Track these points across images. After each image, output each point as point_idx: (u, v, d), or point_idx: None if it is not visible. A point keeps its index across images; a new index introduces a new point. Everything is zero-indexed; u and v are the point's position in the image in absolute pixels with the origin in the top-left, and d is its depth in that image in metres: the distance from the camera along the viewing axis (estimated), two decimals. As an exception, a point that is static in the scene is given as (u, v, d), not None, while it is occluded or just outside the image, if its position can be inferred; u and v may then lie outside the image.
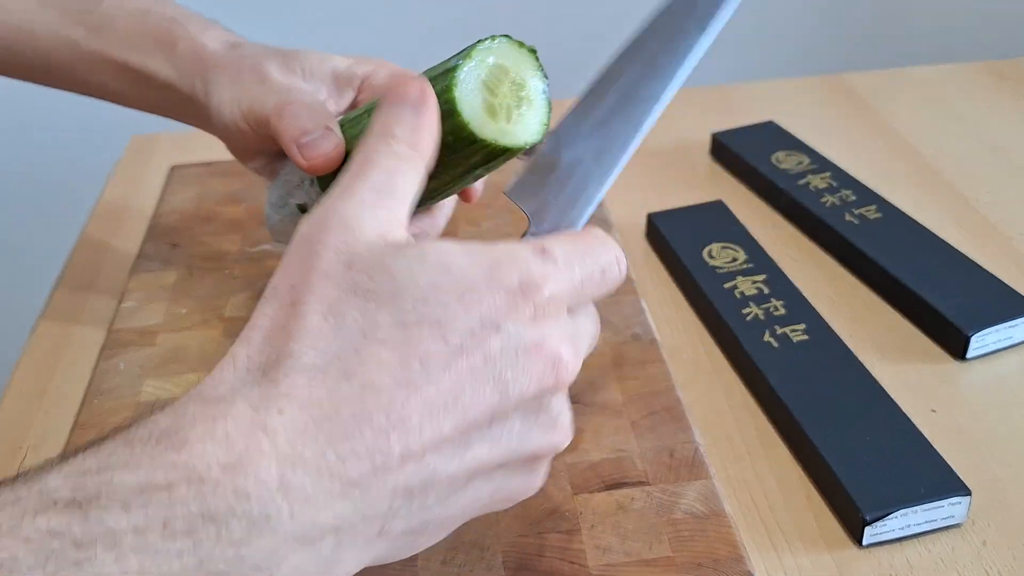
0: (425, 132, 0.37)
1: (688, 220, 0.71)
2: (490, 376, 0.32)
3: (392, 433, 0.30)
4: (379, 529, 0.30)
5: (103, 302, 0.69)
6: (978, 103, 0.91)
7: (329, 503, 0.28)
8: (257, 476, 0.27)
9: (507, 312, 0.32)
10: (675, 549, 0.46)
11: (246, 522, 0.27)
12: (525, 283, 0.33)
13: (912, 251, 0.66)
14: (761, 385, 0.57)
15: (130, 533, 0.26)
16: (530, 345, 0.32)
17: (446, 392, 0.31)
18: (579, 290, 0.35)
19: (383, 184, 0.35)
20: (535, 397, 0.33)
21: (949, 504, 0.48)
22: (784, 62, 1.39)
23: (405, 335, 0.31)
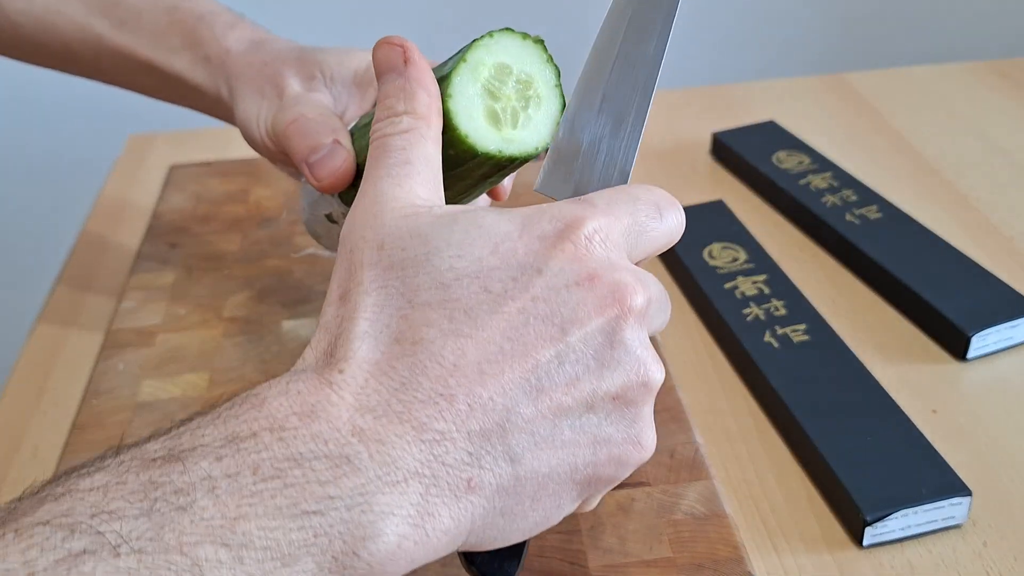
0: (420, 93, 0.36)
1: (688, 220, 0.71)
2: (543, 314, 0.31)
3: (450, 379, 0.30)
4: (467, 481, 0.30)
5: (102, 302, 0.69)
6: (979, 103, 0.91)
7: (404, 446, 0.29)
8: (330, 422, 0.29)
9: (546, 254, 0.32)
10: (675, 550, 0.46)
11: (328, 463, 0.28)
12: (561, 227, 0.33)
13: (913, 251, 0.66)
14: (762, 385, 0.57)
15: (224, 479, 0.27)
16: (580, 278, 0.32)
17: (499, 336, 0.31)
18: (629, 229, 0.34)
19: (397, 163, 0.35)
20: (602, 330, 0.32)
21: (950, 505, 0.48)
22: (784, 62, 1.38)
23: (445, 293, 0.31)
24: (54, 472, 0.48)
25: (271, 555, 0.27)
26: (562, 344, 0.31)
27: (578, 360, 0.32)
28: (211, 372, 0.58)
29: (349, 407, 0.29)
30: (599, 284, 0.32)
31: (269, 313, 0.63)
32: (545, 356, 0.31)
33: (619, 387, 0.32)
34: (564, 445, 0.32)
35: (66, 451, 0.53)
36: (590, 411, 0.32)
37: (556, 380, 0.31)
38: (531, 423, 0.31)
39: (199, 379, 0.58)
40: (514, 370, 0.31)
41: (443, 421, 0.30)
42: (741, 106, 0.93)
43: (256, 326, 0.62)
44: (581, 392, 0.32)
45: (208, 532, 0.26)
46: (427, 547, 0.29)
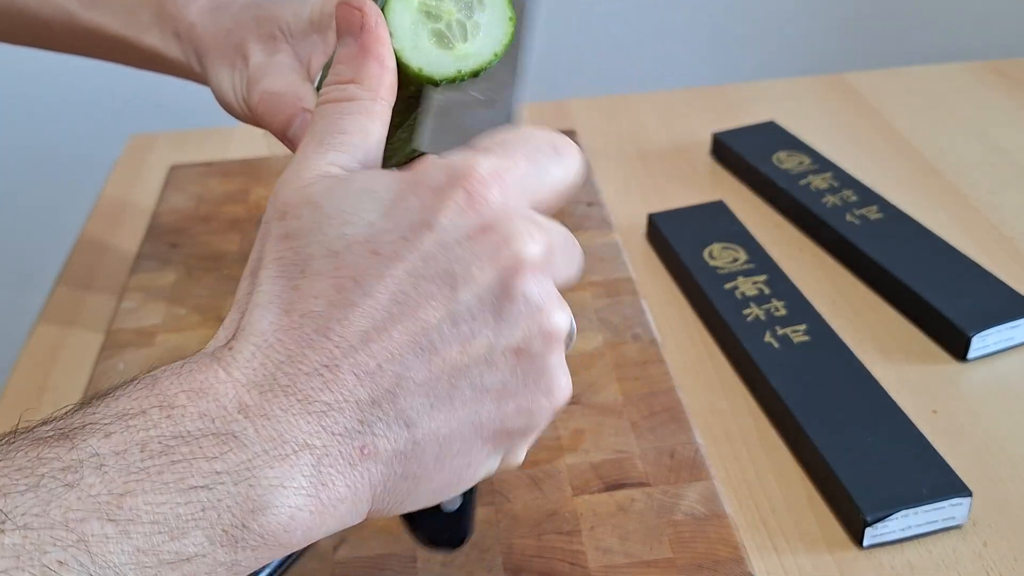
0: (370, 62, 0.35)
1: (689, 220, 0.71)
2: (433, 273, 0.30)
3: (335, 350, 0.30)
4: (360, 449, 0.30)
5: (102, 302, 0.69)
6: (979, 103, 0.91)
7: (290, 420, 0.29)
8: (217, 400, 0.29)
9: (437, 207, 0.31)
10: (676, 550, 0.46)
11: (215, 440, 0.28)
12: (452, 175, 0.31)
13: (913, 252, 0.66)
14: (762, 386, 0.57)
15: (111, 455, 0.27)
16: (473, 231, 0.31)
17: (387, 300, 0.30)
18: (527, 173, 0.33)
19: (331, 131, 0.34)
20: (497, 284, 0.31)
21: (950, 505, 0.48)
22: (784, 62, 1.38)
23: (336, 261, 0.31)
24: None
25: (159, 529, 0.27)
26: (454, 303, 0.30)
27: (473, 317, 0.31)
28: (211, 372, 0.58)
29: (236, 383, 0.29)
30: (492, 234, 0.31)
31: (269, 313, 0.63)
32: (435, 316, 0.30)
33: (520, 340, 0.31)
34: (465, 404, 0.31)
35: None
36: (491, 367, 0.31)
37: (449, 340, 0.30)
38: (425, 386, 0.30)
39: (199, 379, 0.58)
40: (402, 334, 0.30)
41: (329, 392, 0.29)
42: (741, 106, 0.93)
43: (256, 326, 0.62)
44: (477, 349, 0.31)
45: (95, 508, 0.26)
46: (325, 516, 0.29)
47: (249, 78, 0.51)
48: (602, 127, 0.90)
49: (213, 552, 0.28)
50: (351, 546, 0.48)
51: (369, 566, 0.47)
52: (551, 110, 0.94)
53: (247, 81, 0.51)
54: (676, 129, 0.89)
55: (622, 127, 0.90)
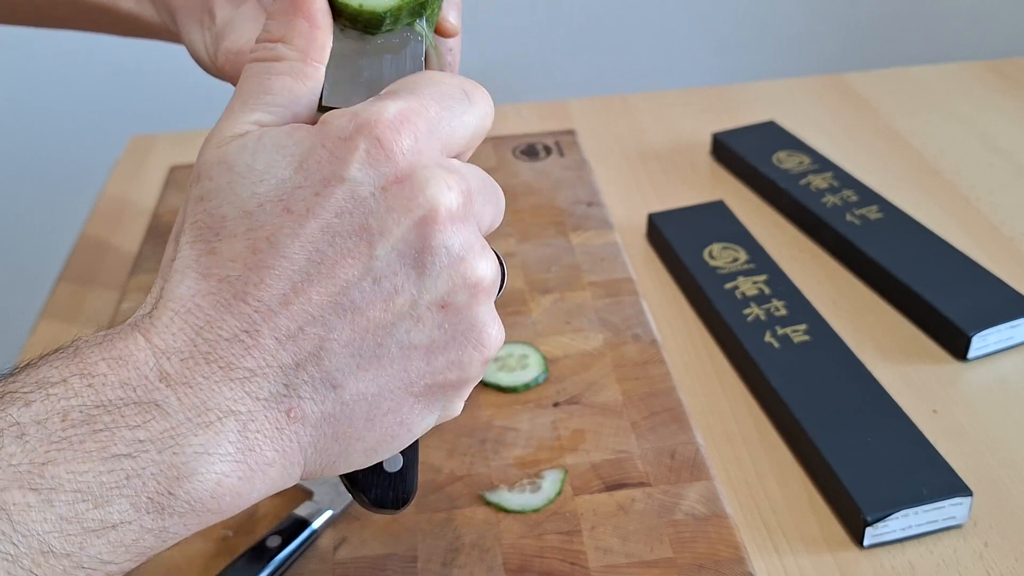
0: (300, 23, 0.33)
1: (689, 220, 0.71)
2: (348, 229, 0.29)
3: (254, 315, 0.29)
4: (287, 412, 0.29)
5: (102, 302, 0.69)
6: (979, 103, 0.91)
7: (213, 387, 0.28)
8: (137, 368, 0.28)
9: (347, 158, 0.30)
10: (676, 550, 0.46)
11: (137, 408, 0.28)
12: (358, 123, 0.30)
13: (913, 251, 0.66)
14: (762, 386, 0.57)
15: (32, 424, 0.27)
16: (387, 181, 0.30)
17: (304, 260, 0.29)
18: (438, 117, 0.31)
19: (254, 92, 0.32)
20: (415, 236, 0.30)
21: (950, 505, 0.48)
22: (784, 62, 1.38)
23: (250, 221, 0.30)
24: None
25: (82, 497, 0.27)
26: (372, 259, 0.29)
27: (394, 273, 0.30)
28: (212, 373, 0.58)
29: (155, 350, 0.29)
30: (406, 185, 0.30)
31: (270, 314, 0.64)
32: (354, 274, 0.29)
33: (444, 293, 0.30)
34: (393, 362, 0.30)
35: None
36: (417, 323, 0.30)
37: (371, 298, 0.30)
38: (350, 346, 0.30)
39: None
40: (321, 295, 0.29)
41: (251, 358, 0.29)
42: (741, 106, 0.93)
43: (257, 327, 0.62)
44: (401, 305, 0.30)
45: (16, 477, 0.26)
46: (255, 481, 0.29)
47: (216, 34, 0.48)
48: (602, 127, 0.90)
49: (139, 519, 0.27)
50: (351, 546, 0.48)
51: (369, 566, 0.47)
52: (551, 110, 0.94)
53: (215, 37, 0.49)
54: (676, 129, 0.89)
55: (622, 127, 0.90)
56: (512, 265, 0.67)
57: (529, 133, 0.85)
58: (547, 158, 0.80)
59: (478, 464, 0.52)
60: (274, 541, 0.47)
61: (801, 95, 0.94)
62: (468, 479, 0.51)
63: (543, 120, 0.91)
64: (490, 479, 0.51)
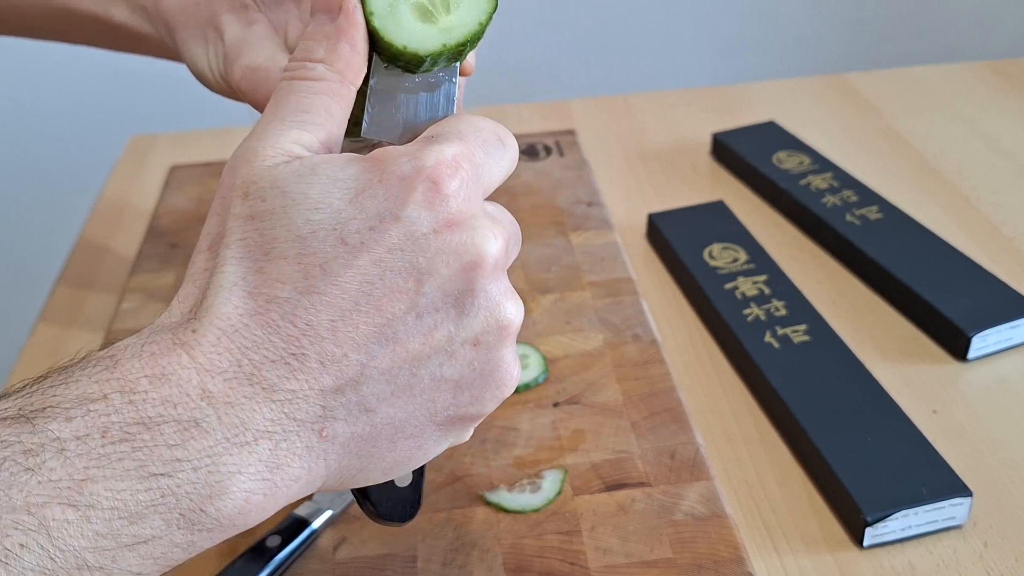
0: (343, 44, 0.34)
1: (689, 220, 0.71)
2: (399, 265, 0.31)
3: (302, 338, 0.30)
4: (319, 432, 0.30)
5: (102, 302, 0.69)
6: (979, 103, 0.91)
7: (254, 407, 0.29)
8: (180, 386, 0.29)
9: (405, 198, 0.31)
10: (676, 550, 0.46)
11: (177, 426, 0.28)
12: (417, 165, 0.31)
13: (913, 252, 0.66)
14: (762, 386, 0.57)
15: (73, 440, 0.27)
16: (439, 225, 0.31)
17: (355, 290, 0.30)
18: (482, 161, 0.33)
19: (295, 109, 0.33)
20: (460, 280, 0.32)
21: (950, 505, 0.48)
22: (784, 62, 1.38)
23: (302, 247, 0.30)
24: None
25: (118, 515, 0.27)
26: (418, 295, 0.31)
27: (436, 310, 0.31)
28: (211, 373, 0.58)
29: (200, 369, 0.29)
30: (457, 231, 0.31)
31: (269, 314, 0.63)
32: (400, 308, 0.31)
33: (478, 332, 0.32)
34: (424, 392, 0.32)
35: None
36: (450, 358, 0.32)
37: (413, 331, 0.31)
38: (387, 374, 0.31)
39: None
40: (368, 325, 0.30)
41: (295, 381, 0.30)
42: (741, 106, 0.93)
43: (256, 327, 0.62)
44: (439, 341, 0.32)
45: (55, 493, 0.27)
46: (278, 496, 0.30)
47: (226, 53, 0.49)
48: (602, 127, 0.90)
49: (170, 534, 0.28)
50: (351, 546, 0.48)
51: (369, 566, 0.47)
52: (551, 110, 0.94)
53: (224, 56, 0.49)
54: (676, 129, 0.89)
55: (622, 127, 0.90)
56: (512, 265, 0.67)
57: (529, 133, 0.85)
58: (547, 158, 0.80)
59: (478, 464, 0.52)
60: (274, 541, 0.47)
61: (802, 95, 0.94)
62: (468, 479, 0.51)
63: (543, 120, 0.91)
64: (490, 479, 0.51)
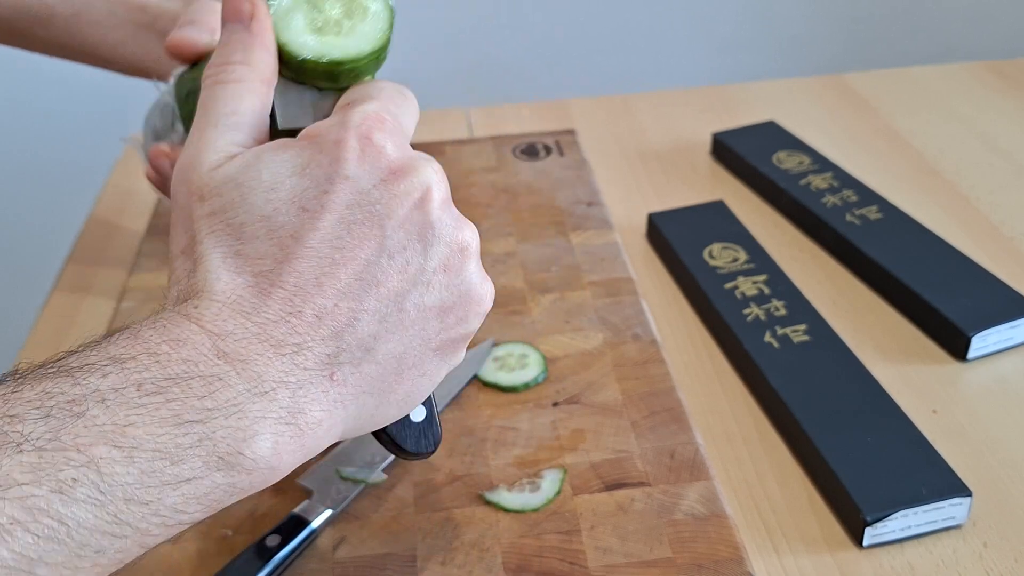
0: (258, 47, 0.38)
1: (689, 220, 0.71)
2: (360, 217, 0.35)
3: (294, 298, 0.33)
4: (330, 376, 0.33)
5: (102, 302, 0.69)
6: (979, 103, 0.91)
7: (266, 362, 0.32)
8: (196, 348, 0.32)
9: (346, 159, 0.35)
10: (676, 550, 0.46)
11: (202, 381, 0.31)
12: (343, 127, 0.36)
13: (913, 252, 0.66)
14: (762, 386, 0.57)
15: (111, 391, 0.30)
16: (384, 175, 0.35)
17: (327, 247, 0.34)
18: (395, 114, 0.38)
19: (225, 112, 0.37)
20: (414, 215, 0.35)
21: (950, 505, 0.48)
22: (784, 62, 1.39)
23: (269, 224, 0.34)
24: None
25: (160, 456, 0.30)
26: (384, 239, 0.35)
27: (404, 248, 0.35)
28: (211, 372, 0.58)
29: (210, 334, 0.32)
30: (402, 176, 0.35)
31: (269, 313, 0.63)
32: (372, 253, 0.34)
33: (443, 258, 0.36)
34: (413, 323, 0.36)
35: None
36: (426, 287, 0.36)
37: (388, 270, 0.35)
38: (376, 313, 0.34)
39: (199, 379, 0.58)
40: (348, 274, 0.34)
41: (296, 335, 0.33)
42: (741, 106, 0.93)
43: (256, 326, 0.62)
44: (413, 273, 0.35)
45: (101, 435, 0.29)
46: (305, 440, 0.33)
47: None
48: (602, 127, 0.90)
49: (210, 475, 0.31)
50: (351, 546, 0.48)
51: (369, 566, 0.47)
52: (551, 110, 0.94)
53: None
54: (676, 129, 0.89)
55: (622, 127, 0.90)
56: (512, 265, 0.67)
57: (529, 133, 0.85)
58: (547, 158, 0.80)
59: (478, 464, 0.52)
60: (273, 540, 0.47)
61: (801, 95, 0.95)
62: (467, 479, 0.51)
63: (543, 120, 0.91)
64: (489, 479, 0.51)
